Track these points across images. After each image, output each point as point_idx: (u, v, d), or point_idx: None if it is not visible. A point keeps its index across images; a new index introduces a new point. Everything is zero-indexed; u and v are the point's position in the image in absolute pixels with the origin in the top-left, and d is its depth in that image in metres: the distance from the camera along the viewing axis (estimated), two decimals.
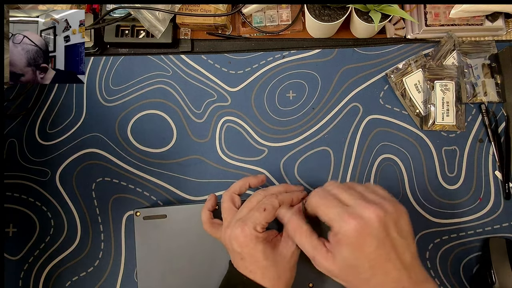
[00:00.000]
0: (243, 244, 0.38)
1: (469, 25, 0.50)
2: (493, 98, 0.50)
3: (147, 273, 0.45)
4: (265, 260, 0.37)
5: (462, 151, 0.50)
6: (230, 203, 0.42)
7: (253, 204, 0.41)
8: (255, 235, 0.38)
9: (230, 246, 0.39)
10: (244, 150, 0.51)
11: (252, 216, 0.39)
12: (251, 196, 0.42)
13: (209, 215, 0.44)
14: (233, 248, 0.38)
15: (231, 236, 0.38)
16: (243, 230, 0.38)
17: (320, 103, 0.52)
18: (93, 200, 0.50)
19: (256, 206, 0.40)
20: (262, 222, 0.38)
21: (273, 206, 0.39)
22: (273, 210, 0.39)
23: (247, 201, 0.41)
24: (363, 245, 0.34)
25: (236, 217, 0.40)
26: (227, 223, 0.41)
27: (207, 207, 0.45)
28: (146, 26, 0.50)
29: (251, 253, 0.38)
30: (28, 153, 0.51)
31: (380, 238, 0.33)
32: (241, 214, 0.40)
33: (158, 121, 0.52)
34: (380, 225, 0.33)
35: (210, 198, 0.46)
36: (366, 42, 0.53)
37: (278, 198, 0.40)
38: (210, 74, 0.53)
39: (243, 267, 0.38)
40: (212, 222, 0.44)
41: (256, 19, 0.53)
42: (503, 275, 0.44)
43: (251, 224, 0.38)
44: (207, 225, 0.44)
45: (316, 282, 0.44)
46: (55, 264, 0.49)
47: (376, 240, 0.33)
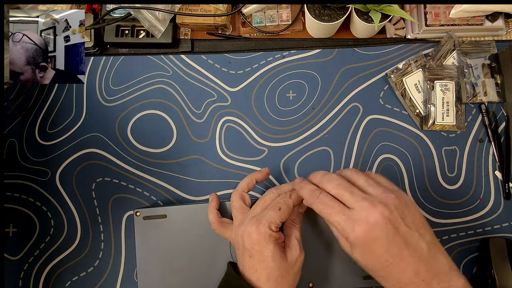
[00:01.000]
0: (255, 242, 0.37)
1: (469, 25, 0.50)
2: (493, 98, 0.50)
3: (147, 273, 0.45)
4: (273, 261, 0.37)
5: (462, 151, 0.50)
6: (241, 202, 0.42)
7: (267, 202, 0.41)
8: (269, 233, 0.37)
9: (241, 242, 0.39)
10: (244, 150, 0.51)
11: (267, 214, 0.38)
12: (264, 194, 0.42)
13: (217, 215, 0.44)
14: (244, 245, 0.38)
15: (244, 233, 0.38)
16: (258, 227, 0.37)
17: (320, 103, 0.52)
18: (93, 200, 0.50)
19: (271, 205, 0.40)
20: (277, 221, 0.38)
21: (287, 205, 0.39)
22: (288, 209, 0.39)
23: (261, 199, 0.41)
24: (373, 248, 0.33)
25: (249, 214, 0.40)
26: (238, 221, 0.41)
27: (213, 207, 0.44)
28: (146, 26, 0.50)
29: (261, 251, 0.37)
30: (28, 153, 0.51)
31: (390, 238, 0.33)
32: (255, 212, 0.40)
33: (158, 121, 0.52)
34: (387, 225, 0.33)
35: (213, 197, 0.45)
36: (366, 42, 0.53)
37: (292, 198, 0.40)
38: (210, 74, 0.53)
39: (249, 266, 0.38)
40: (221, 221, 0.44)
41: (256, 19, 0.53)
42: (503, 275, 0.44)
43: (266, 222, 0.38)
44: (216, 224, 0.43)
45: (316, 282, 0.44)
46: (55, 264, 0.49)
47: (386, 242, 0.33)
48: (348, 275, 0.44)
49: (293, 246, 0.40)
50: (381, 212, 0.33)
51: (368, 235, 0.33)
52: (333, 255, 0.45)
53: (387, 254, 0.33)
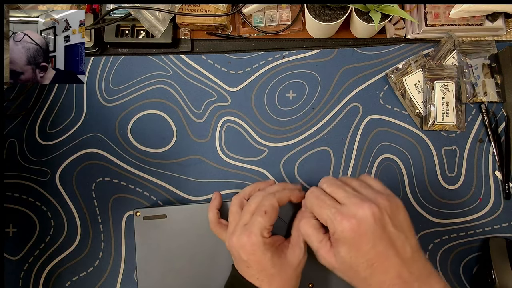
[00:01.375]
0: (250, 252, 0.37)
1: (469, 25, 0.50)
2: (493, 98, 0.50)
3: (147, 273, 0.45)
4: (273, 268, 0.37)
5: (462, 151, 0.50)
6: (238, 207, 0.42)
7: (252, 207, 0.40)
8: (263, 241, 0.37)
9: (237, 255, 0.38)
10: (244, 150, 0.51)
11: (256, 221, 0.38)
12: (250, 198, 0.41)
13: (216, 215, 0.44)
14: (241, 257, 0.38)
15: (237, 245, 0.38)
16: (250, 238, 0.37)
17: (320, 103, 0.52)
18: (93, 200, 0.50)
19: (256, 210, 0.39)
20: (267, 226, 0.38)
21: (273, 206, 0.39)
22: (274, 210, 0.39)
23: (247, 205, 0.41)
24: (360, 244, 0.33)
25: (240, 223, 0.39)
26: (232, 228, 0.40)
27: (214, 206, 0.44)
28: (146, 26, 0.50)
29: (259, 261, 0.37)
30: (28, 153, 0.51)
31: (376, 235, 0.33)
32: (245, 220, 0.39)
33: (158, 121, 0.52)
34: (375, 222, 0.33)
35: (216, 196, 0.45)
36: (366, 42, 0.53)
37: (276, 197, 0.39)
38: (210, 74, 0.53)
39: (249, 275, 0.38)
40: (220, 222, 0.43)
41: (256, 19, 0.53)
42: (503, 275, 0.44)
43: (257, 230, 0.37)
44: (214, 224, 0.43)
45: (316, 282, 0.44)
46: (55, 264, 0.49)
47: (372, 238, 0.33)
48: None
49: (297, 246, 0.39)
50: (370, 209, 0.33)
51: (357, 229, 0.33)
52: None
53: (373, 251, 0.33)
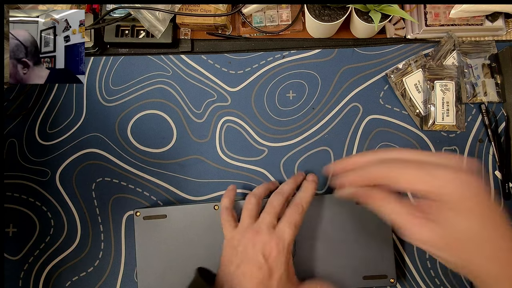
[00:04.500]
0: (272, 258, 0.37)
1: (469, 25, 0.50)
2: (493, 98, 0.50)
3: (147, 273, 0.45)
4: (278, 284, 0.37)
5: (462, 151, 0.50)
6: (257, 206, 0.42)
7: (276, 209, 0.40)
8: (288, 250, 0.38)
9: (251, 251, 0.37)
10: (244, 150, 0.51)
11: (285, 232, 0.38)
12: (270, 199, 0.42)
13: (230, 203, 0.43)
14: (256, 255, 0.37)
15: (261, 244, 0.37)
16: (278, 245, 0.37)
17: (320, 103, 0.52)
18: (93, 200, 0.50)
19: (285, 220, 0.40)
20: (292, 239, 0.39)
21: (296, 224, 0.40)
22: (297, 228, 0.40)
23: (269, 206, 0.41)
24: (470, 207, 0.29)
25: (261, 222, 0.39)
26: (246, 224, 0.40)
27: (231, 194, 0.44)
28: (146, 26, 0.50)
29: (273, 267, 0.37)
30: (28, 153, 0.51)
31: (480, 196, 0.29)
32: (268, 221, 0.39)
33: (158, 121, 0.52)
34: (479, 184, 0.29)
35: (233, 187, 0.45)
36: (366, 42, 0.53)
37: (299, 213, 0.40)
38: (210, 74, 0.53)
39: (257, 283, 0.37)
40: (232, 213, 0.43)
41: (256, 19, 0.53)
42: None
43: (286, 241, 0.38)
44: (228, 212, 0.43)
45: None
46: (55, 264, 0.49)
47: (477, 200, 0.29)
48: (348, 275, 0.44)
49: None
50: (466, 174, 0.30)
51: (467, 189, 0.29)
52: (333, 255, 0.45)
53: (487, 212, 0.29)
